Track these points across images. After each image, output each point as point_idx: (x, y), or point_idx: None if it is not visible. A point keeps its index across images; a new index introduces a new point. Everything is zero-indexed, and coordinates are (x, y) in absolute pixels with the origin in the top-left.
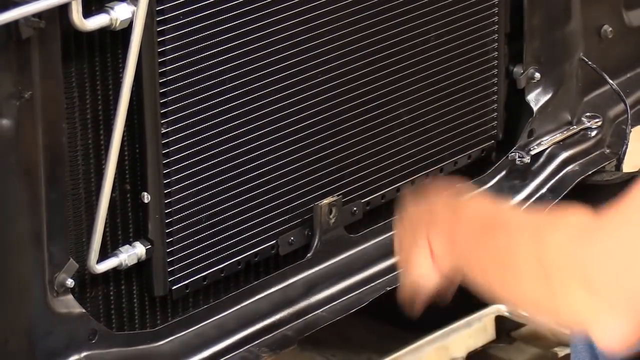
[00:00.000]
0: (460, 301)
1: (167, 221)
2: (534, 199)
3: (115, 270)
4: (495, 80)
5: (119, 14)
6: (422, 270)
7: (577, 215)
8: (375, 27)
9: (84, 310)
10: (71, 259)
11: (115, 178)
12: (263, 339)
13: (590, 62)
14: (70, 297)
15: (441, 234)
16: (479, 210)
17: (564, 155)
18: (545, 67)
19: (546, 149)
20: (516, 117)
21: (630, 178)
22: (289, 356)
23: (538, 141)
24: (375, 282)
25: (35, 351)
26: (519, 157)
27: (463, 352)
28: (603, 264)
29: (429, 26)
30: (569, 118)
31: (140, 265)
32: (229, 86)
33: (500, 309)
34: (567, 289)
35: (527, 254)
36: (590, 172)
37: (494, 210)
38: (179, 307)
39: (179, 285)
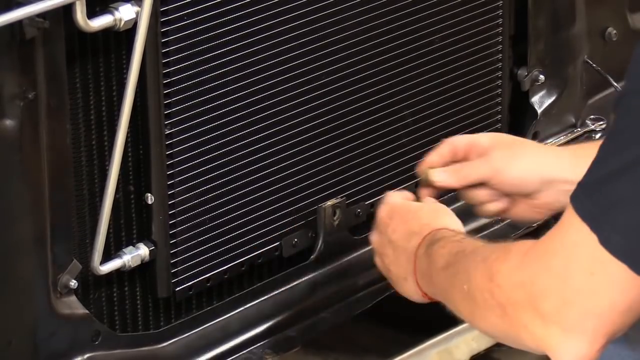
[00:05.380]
0: None
1: (170, 223)
2: None
3: (118, 272)
4: (499, 82)
5: (123, 14)
6: (413, 297)
7: (519, 244)
8: (379, 30)
9: (87, 312)
10: (75, 260)
11: (119, 179)
12: (266, 340)
13: (594, 65)
14: (73, 298)
15: (424, 278)
16: (446, 249)
17: None
18: (550, 69)
19: None
20: (520, 120)
21: None
22: (293, 358)
23: (542, 143)
24: (379, 284)
25: (38, 352)
26: None
27: (466, 356)
28: (546, 286)
29: (433, 28)
30: (573, 120)
31: (144, 267)
32: (233, 87)
33: None
34: (521, 317)
35: (482, 289)
36: None
37: (457, 247)
38: (183, 308)
39: (183, 286)
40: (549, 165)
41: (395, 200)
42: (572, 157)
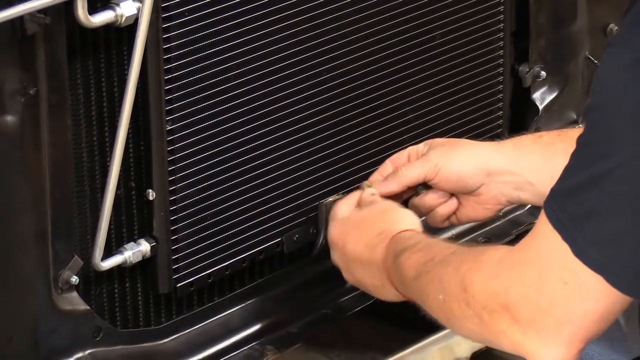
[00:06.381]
0: None
1: (172, 218)
2: None
3: (119, 268)
4: (500, 78)
5: (124, 10)
6: (395, 300)
7: (491, 252)
8: (380, 26)
9: (88, 308)
10: (76, 256)
11: (120, 175)
12: (268, 336)
13: (596, 61)
14: (74, 294)
15: (401, 285)
16: (413, 259)
17: None
18: (551, 65)
19: None
20: (522, 116)
21: None
22: (293, 354)
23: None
24: None
25: (39, 348)
26: None
27: (467, 352)
28: (521, 294)
29: (434, 24)
30: (575, 117)
31: (145, 263)
32: (234, 83)
33: None
34: (499, 324)
35: (458, 299)
36: None
37: (424, 256)
38: (184, 304)
39: (184, 282)
40: (488, 158)
41: (342, 214)
42: (513, 148)
